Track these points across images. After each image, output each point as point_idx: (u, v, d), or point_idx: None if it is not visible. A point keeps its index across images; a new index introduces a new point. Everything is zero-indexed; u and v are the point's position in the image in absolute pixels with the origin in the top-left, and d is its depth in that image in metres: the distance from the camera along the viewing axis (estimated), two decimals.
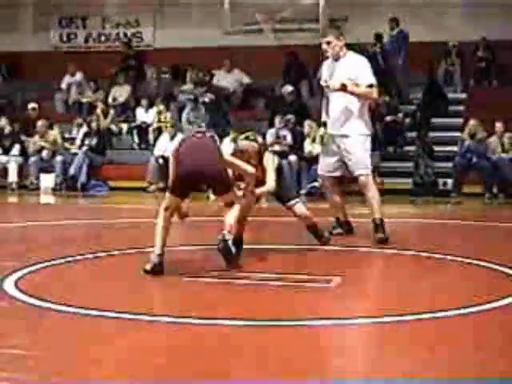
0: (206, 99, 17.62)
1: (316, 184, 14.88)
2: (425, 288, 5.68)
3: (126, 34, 20.68)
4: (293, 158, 15.29)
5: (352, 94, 7.82)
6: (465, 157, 14.76)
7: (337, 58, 8.05)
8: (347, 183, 9.24)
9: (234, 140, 7.03)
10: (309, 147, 15.44)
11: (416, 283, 5.90)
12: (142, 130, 17.54)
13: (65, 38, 21.21)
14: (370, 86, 7.87)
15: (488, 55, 18.28)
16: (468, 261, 6.62)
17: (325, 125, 8.19)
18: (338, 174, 8.17)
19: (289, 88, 16.80)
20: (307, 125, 15.68)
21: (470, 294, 5.36)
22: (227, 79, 18.45)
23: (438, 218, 11.70)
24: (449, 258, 6.77)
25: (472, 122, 15.04)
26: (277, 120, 15.87)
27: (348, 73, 7.89)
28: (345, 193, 8.70)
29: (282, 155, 15.34)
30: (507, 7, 18.02)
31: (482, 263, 6.46)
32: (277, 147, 15.42)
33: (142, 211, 12.35)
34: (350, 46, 8.41)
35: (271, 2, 18.84)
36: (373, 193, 7.93)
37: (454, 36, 18.24)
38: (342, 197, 8.35)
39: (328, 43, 8.02)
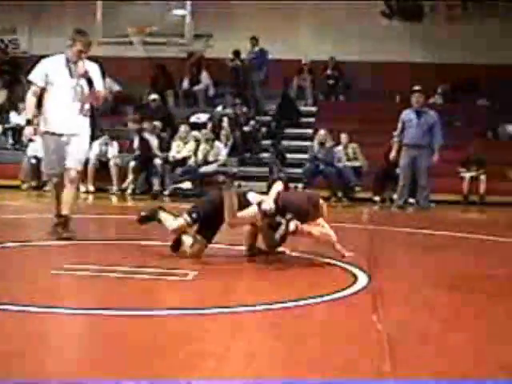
0: None
1: (181, 185, 14.89)
2: (275, 282, 5.71)
3: (2, 41, 20.07)
4: (158, 161, 15.18)
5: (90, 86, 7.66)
6: (313, 163, 15.05)
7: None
8: None
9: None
10: (174, 151, 15.39)
11: (265, 277, 5.92)
12: (16, 131, 17.10)
13: None
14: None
15: (336, 73, 18.74)
16: (315, 258, 6.69)
17: (29, 122, 7.86)
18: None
19: (152, 96, 16.72)
20: (183, 128, 15.63)
21: (314, 287, 5.42)
22: None
23: None
24: (294, 254, 6.80)
25: (322, 131, 15.36)
26: (144, 125, 15.73)
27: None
28: None
29: (148, 158, 15.29)
30: (353, 32, 18.52)
31: (328, 260, 6.54)
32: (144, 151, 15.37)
33: (15, 208, 12.02)
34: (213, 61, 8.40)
35: (141, 17, 18.75)
36: (75, 190, 7.90)
37: (307, 55, 18.60)
38: None
39: (86, 52, 7.67)
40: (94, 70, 7.75)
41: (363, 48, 18.46)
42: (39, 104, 7.87)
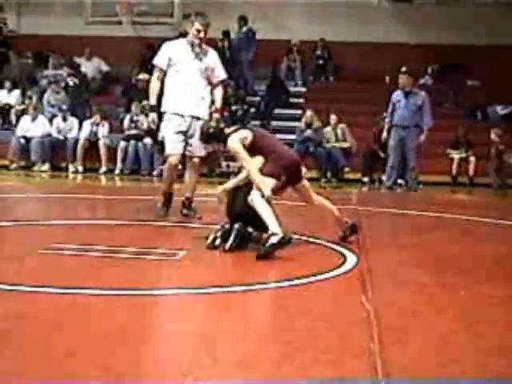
0: (71, 82, 17.23)
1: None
2: (264, 262, 5.70)
3: None
4: (148, 141, 15.14)
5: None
6: (303, 144, 15.04)
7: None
8: None
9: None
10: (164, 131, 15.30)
11: (253, 258, 5.91)
12: (5, 111, 17.00)
13: None
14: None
15: (325, 54, 18.70)
16: (304, 238, 6.70)
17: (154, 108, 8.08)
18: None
19: (140, 76, 16.65)
20: None
21: (304, 268, 5.43)
22: (87, 66, 18.12)
23: (279, 199, 11.79)
24: None
25: (309, 112, 15.33)
26: (133, 106, 15.68)
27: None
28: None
29: (137, 138, 15.26)
30: (342, 12, 18.47)
31: (316, 240, 6.56)
32: (133, 131, 15.33)
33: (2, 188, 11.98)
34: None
35: None
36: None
37: (296, 35, 18.54)
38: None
39: (204, 31, 8.02)
40: (212, 56, 7.97)
41: (352, 29, 18.43)
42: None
